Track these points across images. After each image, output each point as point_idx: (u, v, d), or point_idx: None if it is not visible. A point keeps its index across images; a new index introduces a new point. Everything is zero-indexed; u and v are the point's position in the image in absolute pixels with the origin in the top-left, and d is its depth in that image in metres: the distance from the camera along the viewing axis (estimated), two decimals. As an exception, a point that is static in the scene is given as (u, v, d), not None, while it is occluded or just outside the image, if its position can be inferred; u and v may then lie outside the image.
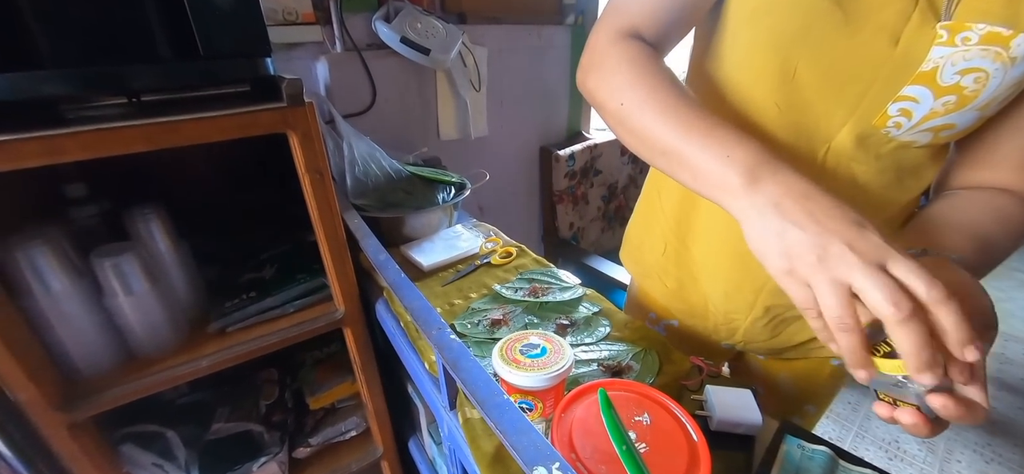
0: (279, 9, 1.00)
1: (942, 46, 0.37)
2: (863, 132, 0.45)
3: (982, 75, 0.37)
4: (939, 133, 0.42)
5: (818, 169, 0.48)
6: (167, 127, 0.55)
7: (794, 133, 0.47)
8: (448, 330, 0.50)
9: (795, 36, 0.43)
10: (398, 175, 0.96)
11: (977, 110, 0.39)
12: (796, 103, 0.46)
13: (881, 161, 0.46)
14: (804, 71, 0.44)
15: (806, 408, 0.70)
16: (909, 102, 0.41)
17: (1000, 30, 0.35)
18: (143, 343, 0.68)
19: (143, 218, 0.69)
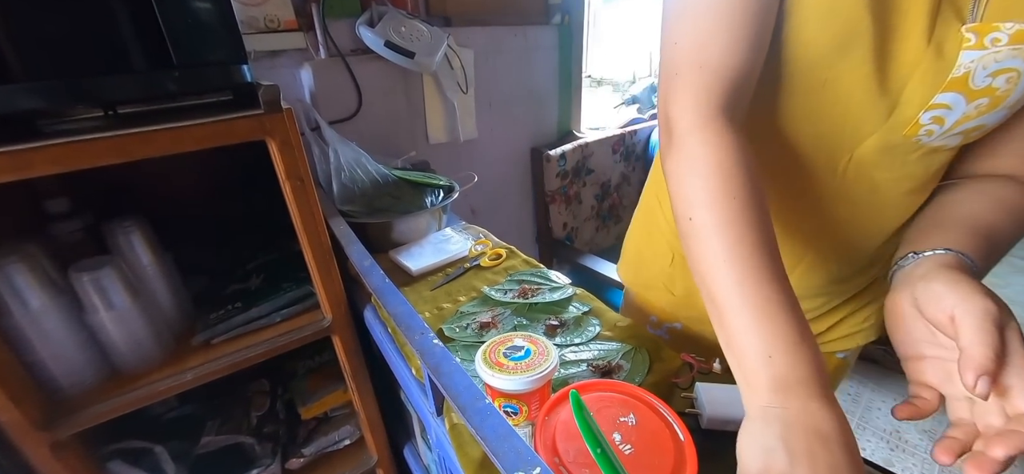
0: (261, 17, 0.99)
1: (971, 50, 0.36)
2: (891, 142, 0.43)
3: (1014, 74, 0.36)
4: (970, 135, 0.41)
5: (839, 177, 0.46)
6: (140, 138, 0.55)
7: (817, 143, 0.45)
8: (430, 335, 0.49)
9: (837, 47, 0.39)
10: (385, 180, 0.96)
11: (1007, 109, 0.38)
12: (823, 114, 0.43)
13: (907, 167, 0.45)
14: (838, 81, 0.41)
15: None
16: (942, 110, 0.39)
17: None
18: (126, 358, 0.67)
19: (124, 232, 0.68)
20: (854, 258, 0.53)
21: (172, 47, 0.55)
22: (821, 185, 0.47)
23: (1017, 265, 2.49)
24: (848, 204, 0.48)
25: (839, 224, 0.50)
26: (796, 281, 0.54)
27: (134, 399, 0.64)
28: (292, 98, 1.08)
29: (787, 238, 0.53)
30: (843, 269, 0.54)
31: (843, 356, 0.65)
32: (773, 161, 0.48)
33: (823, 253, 0.53)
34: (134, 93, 0.57)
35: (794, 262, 0.54)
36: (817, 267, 0.54)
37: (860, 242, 0.52)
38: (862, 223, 0.50)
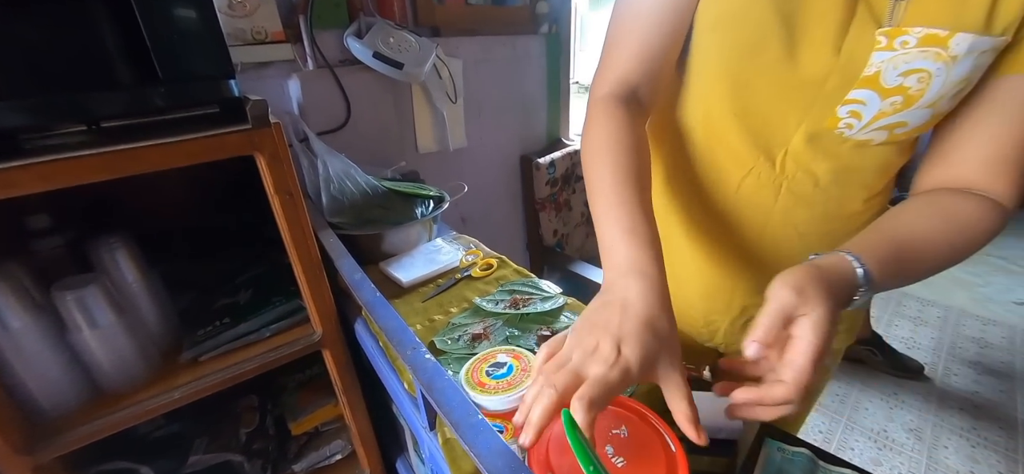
0: (248, 29, 0.98)
1: (882, 51, 0.39)
2: (816, 133, 0.46)
3: (925, 75, 0.39)
4: (893, 131, 0.43)
5: (779, 170, 0.50)
6: (128, 154, 0.54)
7: (752, 138, 0.49)
8: (423, 350, 0.49)
9: (747, 49, 0.45)
10: (374, 191, 0.95)
11: (927, 108, 0.41)
12: (751, 110, 0.48)
13: (840, 160, 0.47)
14: (756, 81, 0.46)
15: None
16: (856, 105, 0.42)
17: (937, 31, 0.37)
18: (111, 378, 0.65)
19: (108, 248, 0.67)
20: (812, 252, 0.55)
21: (158, 62, 0.54)
22: (764, 178, 0.51)
23: (997, 264, 2.55)
24: (793, 196, 0.51)
25: (788, 216, 0.53)
26: (755, 270, 0.58)
27: (119, 420, 0.63)
28: (280, 110, 1.07)
29: (739, 229, 0.56)
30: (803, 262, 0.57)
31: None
32: (711, 158, 0.54)
33: (778, 243, 0.55)
34: (119, 109, 0.56)
35: (748, 254, 0.57)
36: (775, 257, 0.56)
37: (814, 236, 0.54)
38: (813, 216, 0.52)
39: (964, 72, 0.38)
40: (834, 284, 0.36)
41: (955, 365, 1.86)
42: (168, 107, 0.61)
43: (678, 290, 0.65)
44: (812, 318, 0.34)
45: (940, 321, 2.12)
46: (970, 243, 0.42)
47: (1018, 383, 1.75)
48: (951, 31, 0.37)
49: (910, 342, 1.99)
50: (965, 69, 0.38)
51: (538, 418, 0.32)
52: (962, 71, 0.38)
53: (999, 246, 2.71)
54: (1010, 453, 1.48)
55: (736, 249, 0.57)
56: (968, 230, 0.42)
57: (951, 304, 2.23)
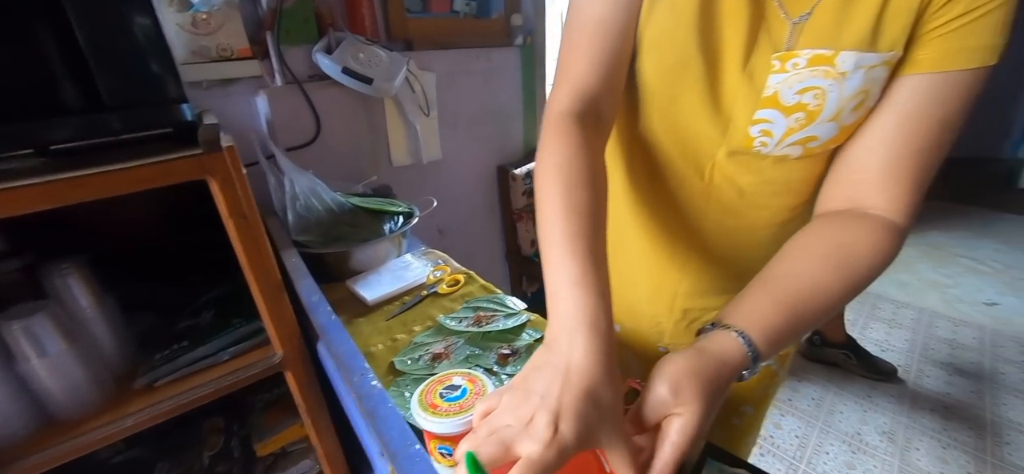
0: (213, 46, 0.98)
1: (776, 73, 0.43)
2: (736, 150, 0.49)
3: (819, 91, 0.42)
4: (807, 145, 0.46)
5: (707, 181, 0.53)
6: (73, 183, 0.53)
7: (681, 151, 0.53)
8: (370, 376, 0.49)
9: (672, 74, 0.48)
10: (341, 209, 0.95)
11: (830, 122, 0.43)
12: (679, 126, 0.51)
13: (763, 174, 0.50)
14: (681, 100, 0.49)
15: (743, 409, 0.71)
16: (765, 123, 0.45)
17: (823, 52, 0.41)
18: (62, 406, 0.64)
19: (61, 274, 0.66)
20: (744, 259, 0.57)
21: (103, 89, 0.54)
22: (694, 189, 0.54)
23: (967, 265, 2.61)
24: (722, 206, 0.54)
25: (719, 225, 0.55)
26: (692, 275, 0.60)
27: (70, 449, 0.62)
28: (246, 126, 1.06)
29: (675, 237, 0.59)
30: (735, 269, 0.58)
31: (767, 363, 0.67)
32: (653, 167, 0.56)
33: (711, 250, 0.58)
34: (64, 136, 0.56)
35: (685, 260, 0.60)
36: (708, 265, 0.59)
37: (745, 244, 0.56)
38: (741, 225, 0.55)
39: (856, 86, 0.41)
40: (714, 380, 0.37)
41: (927, 367, 1.89)
42: (119, 130, 0.60)
43: (630, 291, 0.68)
44: (682, 420, 0.35)
45: (913, 323, 2.16)
46: (866, 278, 0.42)
47: (987, 383, 1.79)
48: (836, 50, 0.40)
49: (884, 345, 2.02)
50: (856, 83, 0.41)
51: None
52: (854, 85, 0.41)
53: (969, 247, 2.78)
54: (979, 453, 1.51)
55: (675, 254, 0.60)
56: (863, 267, 0.42)
57: (924, 305, 2.27)
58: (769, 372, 0.68)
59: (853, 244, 0.42)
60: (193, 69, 0.96)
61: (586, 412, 0.32)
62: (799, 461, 1.52)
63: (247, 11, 1.02)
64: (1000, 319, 2.14)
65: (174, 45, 0.94)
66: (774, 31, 0.43)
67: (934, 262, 2.64)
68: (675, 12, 0.45)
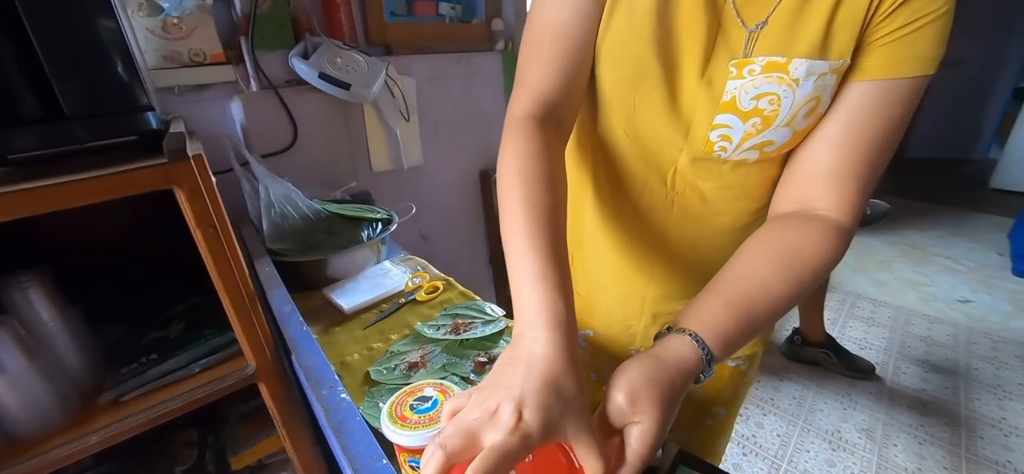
0: (184, 50, 0.96)
1: (734, 80, 0.45)
2: (697, 156, 0.51)
3: (774, 97, 0.43)
4: (764, 149, 0.47)
5: (670, 186, 0.54)
6: (29, 195, 0.51)
7: (644, 158, 0.54)
8: (338, 389, 0.48)
9: (631, 82, 0.49)
10: (317, 216, 0.94)
11: (785, 127, 0.45)
12: (641, 133, 0.52)
13: (722, 178, 0.51)
14: (641, 107, 0.51)
15: (715, 410, 0.72)
16: (724, 128, 0.47)
17: (777, 59, 0.43)
18: (22, 425, 0.62)
19: (19, 288, 0.63)
20: (709, 264, 0.57)
21: (62, 99, 0.52)
22: (658, 195, 0.56)
23: (943, 264, 2.67)
24: (684, 212, 0.55)
25: (682, 231, 0.57)
26: (658, 280, 0.61)
27: (31, 468, 0.60)
28: (220, 132, 1.04)
29: (640, 241, 0.60)
30: (701, 273, 0.58)
31: (735, 364, 0.68)
32: (618, 175, 0.57)
33: (676, 255, 0.59)
34: (22, 146, 0.54)
35: (651, 265, 0.61)
36: (674, 271, 0.60)
37: (709, 248, 0.57)
38: (704, 231, 0.56)
39: (808, 92, 0.43)
40: (670, 387, 0.37)
41: (904, 364, 1.93)
42: (81, 139, 0.59)
43: (600, 296, 0.69)
44: (641, 429, 0.36)
45: (891, 321, 2.20)
46: (812, 279, 0.44)
47: (961, 380, 1.84)
48: (788, 57, 0.42)
49: (863, 343, 2.06)
50: (808, 90, 0.43)
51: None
52: (806, 91, 0.43)
53: (945, 246, 2.85)
54: (954, 448, 1.55)
55: (641, 259, 0.61)
56: (809, 269, 0.43)
57: (901, 304, 2.33)
58: (738, 373, 0.69)
59: (801, 246, 0.44)
60: (165, 74, 0.94)
61: (549, 402, 0.34)
62: (781, 460, 1.54)
63: (220, 16, 1.00)
64: (974, 317, 2.20)
65: (144, 50, 0.92)
66: (732, 39, 0.45)
67: (911, 261, 2.71)
68: (631, 22, 0.47)
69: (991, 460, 1.49)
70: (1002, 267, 2.58)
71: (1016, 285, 2.42)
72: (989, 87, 4.02)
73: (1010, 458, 1.49)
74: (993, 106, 4.09)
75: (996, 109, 4.09)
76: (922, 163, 4.22)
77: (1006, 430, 1.60)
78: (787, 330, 2.03)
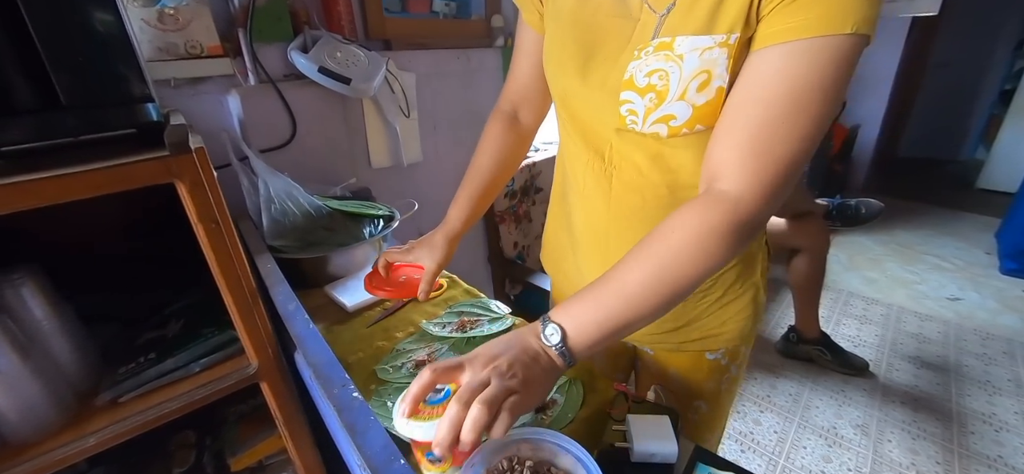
0: (181, 42, 0.94)
1: (633, 61, 0.50)
2: (619, 130, 0.56)
3: (663, 72, 0.48)
4: (669, 123, 0.50)
5: (607, 163, 0.59)
6: (24, 188, 0.49)
7: (584, 139, 0.61)
8: (350, 388, 0.47)
9: (560, 68, 0.59)
10: (318, 212, 0.92)
11: (679, 100, 0.48)
12: (576, 116, 0.61)
13: (647, 151, 0.55)
14: (569, 95, 0.60)
15: (696, 404, 0.72)
16: (628, 104, 0.52)
17: (665, 39, 0.48)
18: (16, 427, 0.60)
19: (12, 285, 0.61)
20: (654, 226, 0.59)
21: (60, 89, 0.50)
22: (598, 169, 0.61)
23: (932, 263, 2.71)
24: (623, 183, 0.59)
25: (625, 200, 0.60)
26: (614, 249, 0.63)
27: (25, 472, 0.58)
28: (218, 127, 1.02)
29: (593, 214, 0.65)
30: None
31: (714, 357, 0.69)
32: (571, 162, 0.65)
33: (624, 225, 0.62)
34: (16, 137, 0.52)
35: (606, 233, 0.64)
36: (625, 236, 0.62)
37: (653, 213, 0.58)
38: (645, 197, 0.58)
39: (694, 67, 0.46)
40: (530, 364, 0.43)
41: (897, 361, 1.96)
42: (78, 131, 0.56)
43: (582, 282, 0.69)
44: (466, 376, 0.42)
45: (883, 318, 2.23)
46: (694, 274, 0.45)
47: (952, 376, 1.87)
48: (672, 36, 0.47)
49: (856, 340, 2.09)
50: (694, 64, 0.46)
51: None
52: (693, 66, 0.46)
53: (933, 245, 2.90)
54: (946, 443, 1.57)
55: (595, 236, 0.66)
56: (684, 267, 0.44)
57: (892, 302, 2.36)
58: (718, 366, 0.70)
59: (672, 244, 0.45)
60: (160, 67, 0.92)
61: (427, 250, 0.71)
62: (778, 456, 1.55)
63: (218, 7, 0.98)
64: (963, 314, 2.24)
65: (139, 42, 0.89)
66: (646, 27, 0.50)
67: (902, 260, 2.75)
68: (557, 26, 0.58)
69: (983, 455, 1.52)
70: (989, 265, 2.63)
71: (1003, 283, 2.47)
72: (976, 89, 4.09)
73: (1001, 452, 1.52)
74: (979, 108, 4.16)
75: (982, 111, 4.16)
76: (910, 163, 4.29)
77: (996, 425, 1.63)
78: (782, 328, 2.05)
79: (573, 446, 0.44)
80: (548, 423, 0.57)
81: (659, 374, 0.74)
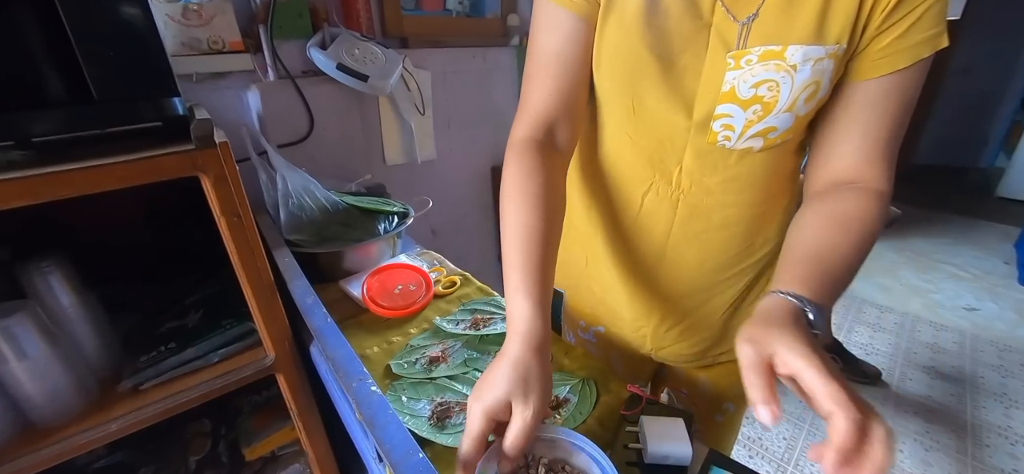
0: (203, 38, 0.95)
1: (732, 71, 0.46)
2: (701, 150, 0.52)
3: (773, 83, 0.45)
4: (767, 136, 0.49)
5: (675, 187, 0.55)
6: (55, 178, 0.51)
7: (649, 160, 0.55)
8: (368, 382, 0.47)
9: (628, 79, 0.51)
10: (335, 208, 0.93)
11: (786, 112, 0.46)
12: (643, 132, 0.54)
13: (729, 171, 0.52)
14: (640, 107, 0.52)
15: (725, 405, 0.73)
16: (726, 118, 0.49)
17: (773, 47, 0.44)
18: (43, 411, 0.62)
19: (40, 273, 0.63)
20: (714, 260, 0.59)
21: (92, 82, 0.52)
22: (663, 194, 0.57)
23: (948, 272, 2.67)
24: (689, 210, 0.56)
25: (688, 229, 0.57)
26: (665, 282, 0.62)
27: (50, 456, 0.59)
28: (237, 121, 1.04)
29: (644, 245, 0.61)
30: (707, 268, 0.60)
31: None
32: (623, 178, 0.59)
33: (681, 256, 0.60)
34: (50, 129, 0.53)
35: (655, 267, 0.61)
36: (680, 269, 0.61)
37: (714, 244, 0.58)
38: (710, 226, 0.57)
39: (806, 77, 0.45)
40: (780, 320, 0.38)
41: (910, 370, 1.93)
42: (107, 123, 0.58)
43: (610, 296, 0.70)
44: (783, 349, 0.35)
45: (896, 327, 2.20)
46: (868, 236, 0.46)
47: (967, 387, 1.84)
48: (784, 45, 0.44)
49: (869, 348, 2.06)
50: (806, 75, 0.44)
51: None
52: (804, 77, 0.45)
53: (950, 254, 2.85)
54: (960, 455, 1.55)
55: (646, 261, 0.62)
56: (861, 225, 0.46)
57: (907, 310, 2.32)
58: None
59: (848, 211, 0.47)
60: (183, 61, 0.94)
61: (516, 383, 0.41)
62: (787, 464, 1.54)
63: (239, 4, 0.99)
64: (979, 324, 2.20)
65: (163, 36, 0.91)
66: (724, 33, 0.47)
67: (917, 268, 2.70)
68: (623, 27, 0.49)
69: (997, 468, 1.49)
70: (1008, 276, 2.58)
71: (1022, 294, 2.42)
72: (997, 96, 4.00)
73: (1016, 466, 1.49)
74: (1001, 115, 4.08)
75: (1004, 118, 4.07)
76: (929, 170, 4.22)
77: (1012, 438, 1.60)
78: (793, 334, 2.03)
79: (588, 445, 0.45)
80: (561, 422, 0.57)
81: (686, 381, 0.74)
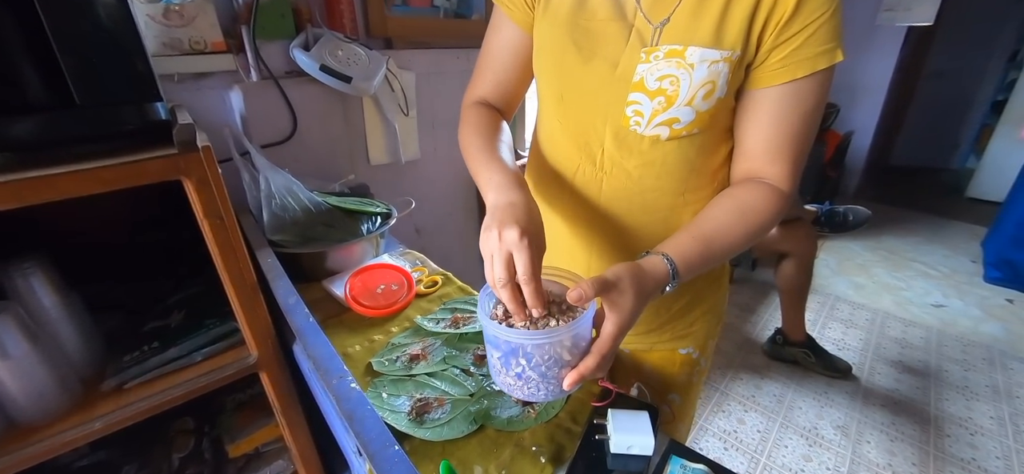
0: (185, 38, 0.95)
1: (642, 64, 0.54)
2: (617, 132, 0.59)
3: (674, 78, 0.52)
4: (672, 126, 0.56)
5: (599, 167, 0.63)
6: (39, 182, 0.52)
7: (576, 143, 0.63)
8: (348, 379, 0.49)
9: (554, 69, 0.61)
10: (317, 208, 0.94)
11: (686, 106, 0.53)
12: (571, 119, 0.63)
13: (644, 156, 0.59)
14: (566, 95, 0.62)
15: (671, 397, 0.77)
16: (635, 105, 0.56)
17: (676, 46, 0.52)
18: (25, 410, 0.62)
19: (22, 274, 0.64)
20: (642, 240, 0.65)
21: (74, 88, 0.53)
22: (589, 174, 0.64)
23: (918, 270, 2.76)
24: (614, 190, 0.63)
25: (615, 208, 0.64)
26: (598, 252, 0.69)
27: (33, 454, 0.60)
28: (220, 122, 1.04)
29: (579, 218, 0.68)
30: (636, 244, 0.66)
31: (686, 352, 0.75)
32: (558, 160, 0.67)
33: (611, 229, 0.66)
34: (30, 133, 0.54)
35: (590, 237, 0.68)
36: (611, 241, 0.67)
37: (640, 225, 0.65)
38: (633, 207, 0.64)
39: (703, 76, 0.51)
40: (645, 283, 0.48)
41: (880, 365, 2.01)
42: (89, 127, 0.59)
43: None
44: (617, 310, 0.46)
45: (868, 323, 2.28)
46: (760, 226, 0.55)
47: (932, 381, 1.92)
48: (685, 45, 0.51)
49: (841, 343, 2.14)
50: (703, 73, 0.51)
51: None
52: (701, 75, 0.51)
53: (921, 252, 2.95)
54: (924, 446, 1.62)
55: (582, 234, 0.69)
56: (757, 216, 0.55)
57: (878, 307, 2.41)
58: (690, 360, 0.75)
59: (751, 201, 0.56)
60: (164, 62, 0.94)
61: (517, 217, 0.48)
62: (760, 454, 1.59)
63: (221, 4, 1.00)
64: (946, 320, 2.29)
65: (144, 36, 0.91)
66: (642, 33, 0.55)
67: (889, 266, 2.80)
68: (553, 28, 0.59)
69: (957, 457, 1.57)
70: (974, 273, 2.68)
71: (987, 291, 2.52)
72: (969, 100, 4.14)
73: (974, 456, 1.57)
74: (972, 118, 4.22)
75: (975, 121, 4.22)
76: (903, 171, 4.35)
77: (972, 429, 1.68)
78: (769, 330, 2.09)
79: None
80: (534, 416, 0.60)
81: (635, 371, 0.78)
